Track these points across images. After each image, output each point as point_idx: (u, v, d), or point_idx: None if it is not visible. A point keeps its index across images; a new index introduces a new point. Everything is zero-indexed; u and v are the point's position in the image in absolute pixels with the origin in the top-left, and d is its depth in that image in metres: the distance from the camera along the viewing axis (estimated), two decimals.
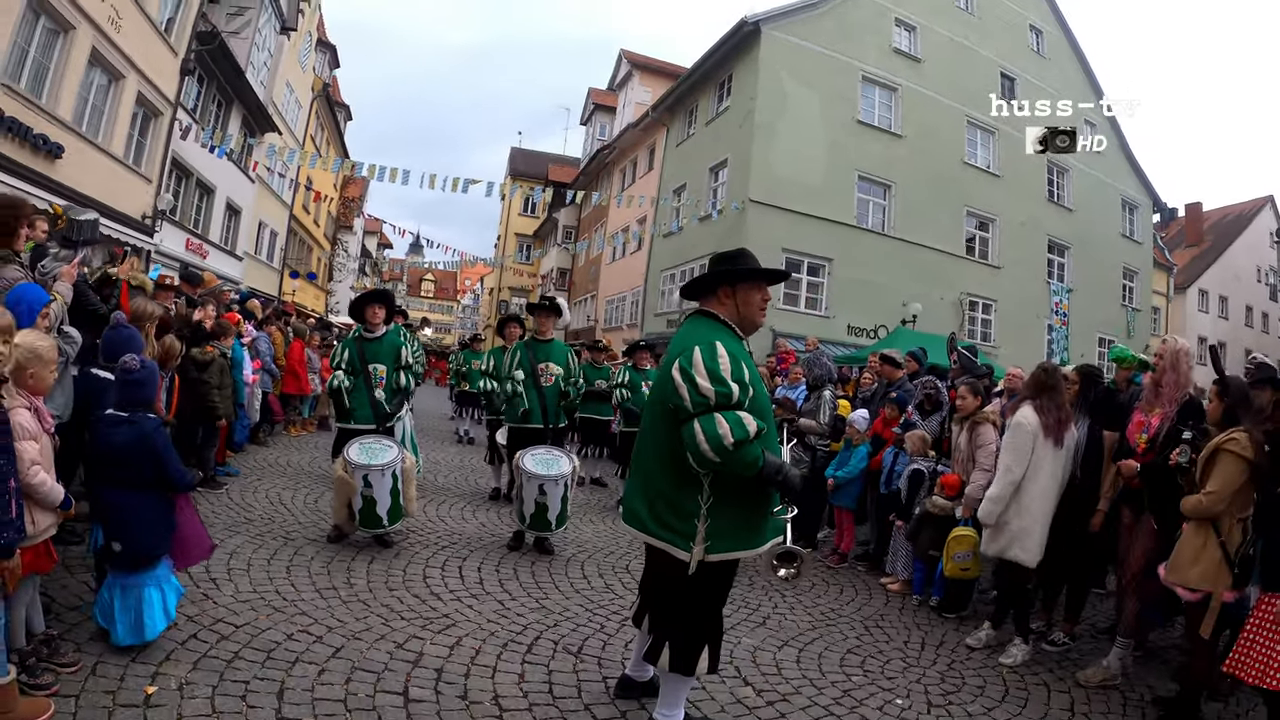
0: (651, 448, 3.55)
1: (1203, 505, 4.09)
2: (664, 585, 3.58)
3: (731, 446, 3.13)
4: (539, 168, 47.16)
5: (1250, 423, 4.12)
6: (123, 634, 3.74)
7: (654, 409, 3.57)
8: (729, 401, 3.21)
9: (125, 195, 16.65)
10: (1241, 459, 4.01)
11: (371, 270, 54.95)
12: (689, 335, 3.44)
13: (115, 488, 3.83)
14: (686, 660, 3.46)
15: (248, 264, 26.39)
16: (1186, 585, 4.15)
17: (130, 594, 3.77)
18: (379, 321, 6.95)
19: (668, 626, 3.53)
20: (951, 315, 23.32)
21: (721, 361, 3.25)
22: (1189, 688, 4.25)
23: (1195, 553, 4.14)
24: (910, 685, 4.65)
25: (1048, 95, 25.85)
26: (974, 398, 6.26)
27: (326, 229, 40.89)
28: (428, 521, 7.47)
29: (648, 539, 3.52)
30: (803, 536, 7.83)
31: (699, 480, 3.35)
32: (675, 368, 3.30)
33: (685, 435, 3.22)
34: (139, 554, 3.83)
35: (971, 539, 5.78)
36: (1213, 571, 4.06)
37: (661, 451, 3.46)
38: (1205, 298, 40.55)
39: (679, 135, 27.43)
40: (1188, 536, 4.24)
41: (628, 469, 5.98)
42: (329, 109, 36.35)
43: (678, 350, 3.38)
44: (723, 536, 3.37)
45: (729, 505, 3.38)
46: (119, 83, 15.93)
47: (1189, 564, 4.16)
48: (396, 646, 4.34)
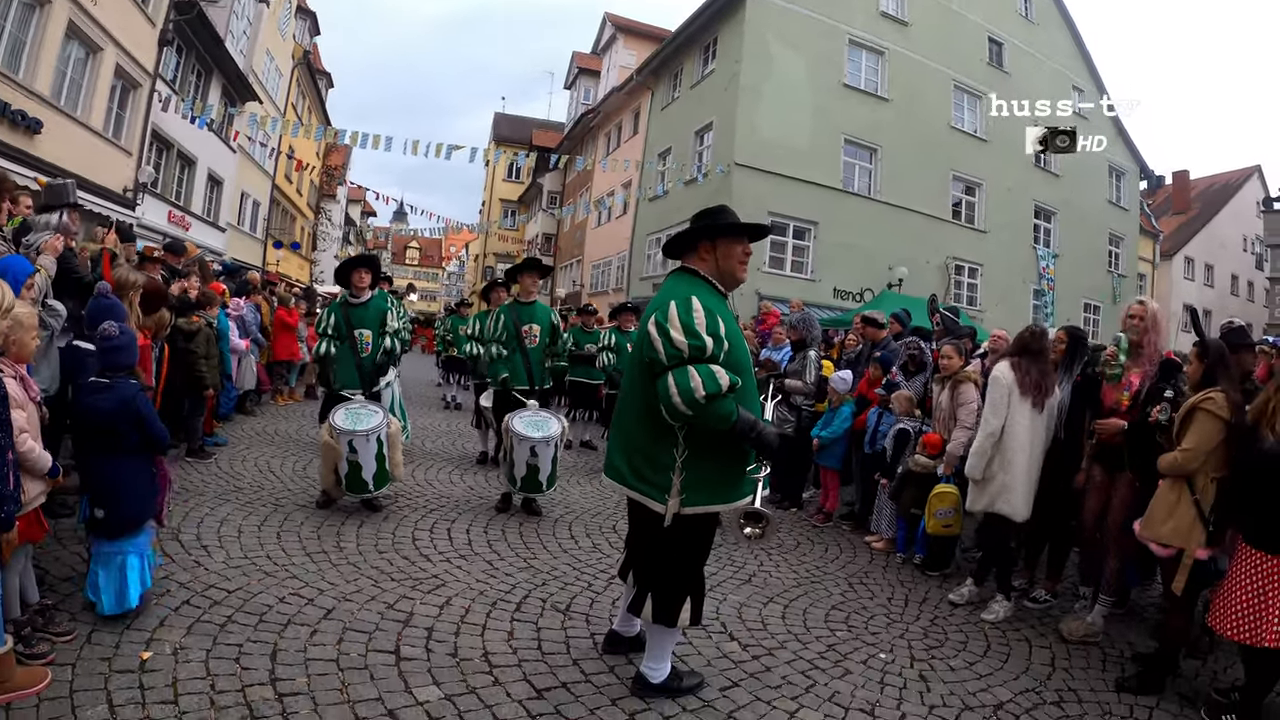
0: (630, 403, 3.60)
1: (1177, 462, 4.16)
2: (645, 538, 3.64)
3: (703, 400, 3.16)
4: (523, 133, 46.77)
5: (1227, 384, 4.18)
6: (109, 604, 3.77)
7: (634, 365, 3.61)
8: (702, 355, 3.24)
9: (106, 169, 16.51)
10: (1217, 418, 4.06)
11: (356, 239, 54.60)
12: (668, 291, 3.46)
13: (100, 454, 3.86)
14: (669, 612, 3.53)
15: (231, 235, 26.22)
16: (1159, 541, 4.23)
17: (113, 562, 3.80)
18: (365, 286, 6.94)
19: (650, 579, 3.60)
20: (937, 279, 23.37)
21: (696, 315, 3.27)
22: (1166, 644, 4.33)
23: (1168, 509, 4.22)
24: (894, 640, 4.74)
25: (1035, 60, 25.98)
26: (958, 357, 6.31)
27: (309, 198, 40.59)
28: (416, 485, 7.52)
29: (627, 492, 3.57)
30: (788, 496, 7.95)
31: (674, 433, 3.38)
32: (651, 322, 3.35)
33: (659, 388, 3.26)
34: (124, 520, 3.86)
35: (953, 496, 5.86)
36: (1185, 528, 4.13)
37: (639, 406, 3.50)
38: (1191, 265, 40.58)
39: (664, 99, 27.25)
40: (1162, 493, 4.31)
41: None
42: (310, 77, 35.94)
43: (655, 305, 3.42)
44: (698, 490, 3.42)
45: (704, 459, 3.42)
46: (97, 55, 15.75)
47: (1161, 520, 4.24)
48: (387, 607, 4.40)
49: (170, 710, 3.10)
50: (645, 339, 3.37)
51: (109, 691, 3.18)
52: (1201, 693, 4.23)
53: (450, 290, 72.69)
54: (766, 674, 4.09)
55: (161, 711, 3.08)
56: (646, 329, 3.37)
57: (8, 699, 3.01)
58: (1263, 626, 3.66)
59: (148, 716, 3.04)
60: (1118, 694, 4.20)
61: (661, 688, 3.65)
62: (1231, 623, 3.80)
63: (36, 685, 3.11)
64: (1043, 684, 4.28)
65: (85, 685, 3.21)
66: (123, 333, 4.03)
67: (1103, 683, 4.35)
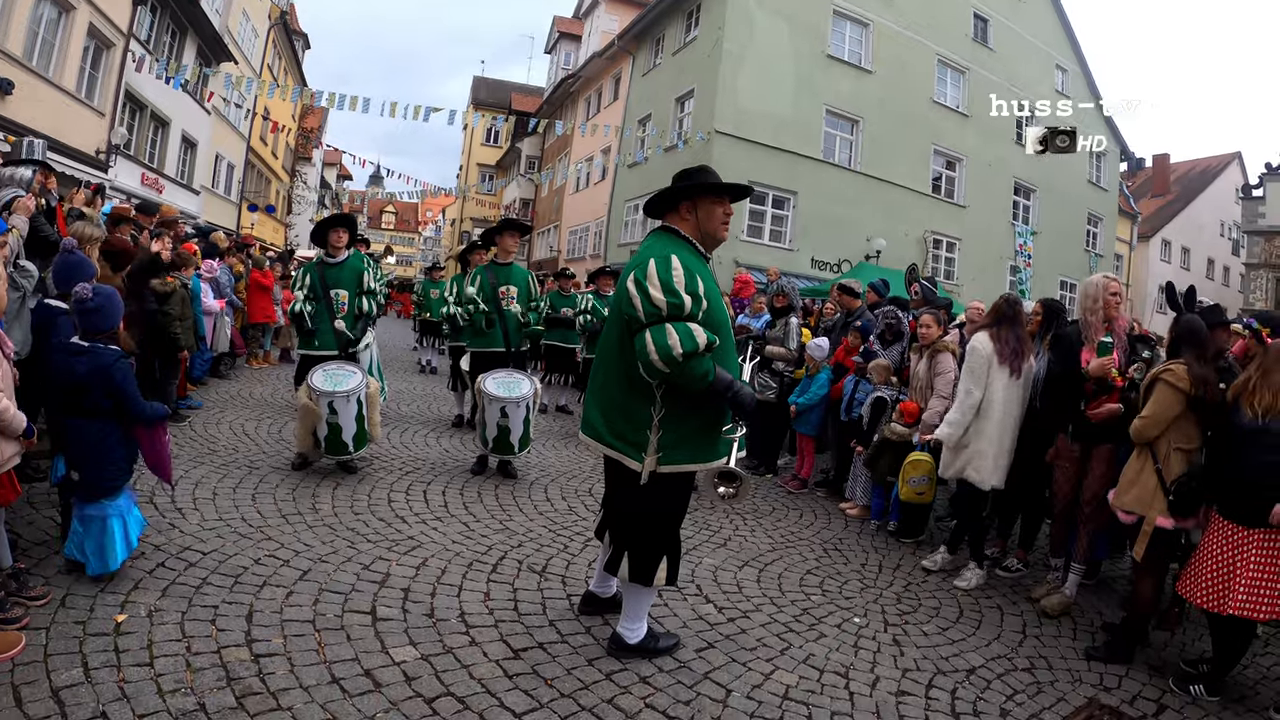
0: (608, 361, 3.59)
1: (1136, 429, 4.29)
2: (622, 496, 3.64)
3: (680, 357, 3.16)
4: (502, 97, 46.31)
5: (1190, 357, 4.24)
6: (94, 565, 3.76)
7: (613, 324, 3.58)
8: (680, 313, 3.23)
9: (78, 130, 16.27)
10: (1175, 389, 4.16)
11: (331, 203, 54.01)
12: (648, 249, 3.45)
13: (74, 416, 3.81)
14: (645, 571, 3.55)
15: (205, 198, 25.87)
16: (1124, 508, 4.33)
17: (93, 525, 3.78)
18: (342, 246, 6.87)
19: (627, 538, 3.61)
20: (916, 252, 23.42)
21: (675, 273, 3.27)
22: (1133, 613, 4.42)
23: (1133, 476, 4.34)
24: (868, 605, 4.80)
25: (1019, 37, 25.96)
26: (937, 327, 6.34)
27: (285, 161, 40.08)
28: (391, 448, 7.51)
29: (604, 449, 3.57)
30: (763, 462, 7.99)
31: (651, 392, 3.40)
32: (630, 279, 3.34)
33: (636, 345, 3.27)
34: (97, 484, 3.83)
35: (927, 464, 5.90)
36: (1147, 496, 4.23)
37: (618, 364, 3.50)
38: (1168, 248, 40.98)
39: (645, 65, 27.00)
40: (1130, 462, 4.43)
41: None
42: (286, 37, 35.34)
43: (635, 263, 3.42)
44: (675, 448, 3.43)
45: (680, 418, 3.43)
46: (69, 15, 15.48)
47: (1126, 488, 4.36)
48: (363, 568, 4.40)
49: (146, 672, 3.09)
50: (624, 296, 3.36)
51: (84, 655, 3.16)
52: (1170, 663, 4.33)
53: (426, 255, 72.11)
54: (742, 636, 4.13)
55: (137, 674, 3.07)
56: (625, 286, 3.35)
57: None
58: (1229, 595, 3.75)
59: (123, 679, 3.03)
60: (1088, 662, 4.28)
61: (638, 648, 3.68)
62: (1201, 591, 3.90)
63: (11, 650, 3.08)
64: (1014, 650, 4.35)
65: (60, 649, 3.18)
66: (97, 294, 3.93)
67: (1073, 651, 4.43)
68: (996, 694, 3.80)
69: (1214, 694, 3.92)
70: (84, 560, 3.78)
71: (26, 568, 3.75)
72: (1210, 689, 3.93)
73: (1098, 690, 3.97)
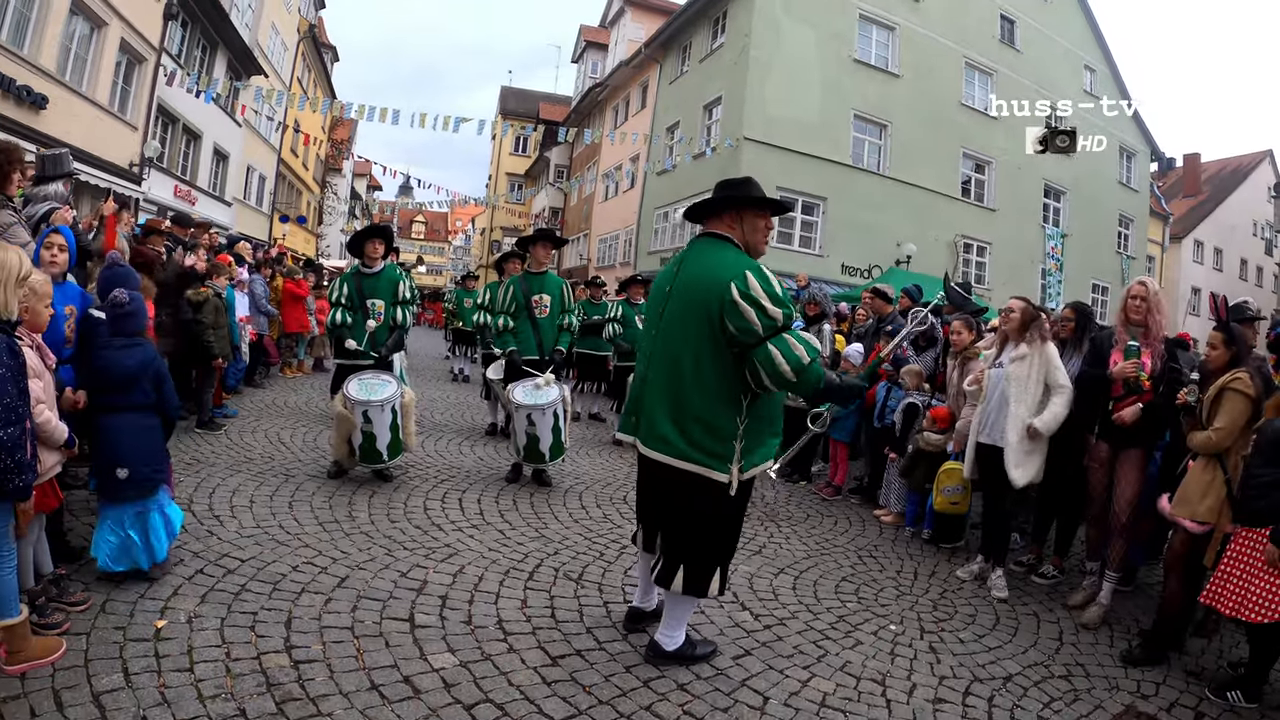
0: (680, 374, 3.45)
1: (1212, 441, 4.22)
2: (692, 509, 3.51)
3: (807, 364, 3.22)
4: (530, 106, 46.46)
5: (1247, 364, 4.26)
6: (143, 559, 3.87)
7: (684, 335, 3.45)
8: (790, 322, 3.28)
9: (112, 143, 16.49)
10: (1246, 396, 4.17)
11: (362, 213, 54.46)
12: (720, 259, 3.42)
13: (120, 413, 3.87)
14: (701, 582, 3.55)
15: (237, 209, 26.17)
16: (1195, 518, 4.24)
17: (138, 520, 3.86)
18: (378, 256, 6.92)
19: (687, 550, 3.55)
20: (946, 257, 23.28)
21: (774, 283, 3.28)
22: (1166, 617, 4.37)
23: (1204, 487, 4.26)
24: (904, 612, 4.75)
25: (1047, 38, 25.74)
26: (969, 333, 6.27)
27: (315, 172, 40.48)
28: (426, 456, 7.54)
29: (680, 464, 3.44)
30: (797, 469, 7.96)
31: (739, 402, 3.39)
32: (734, 293, 3.24)
33: (760, 359, 3.23)
34: (144, 478, 3.90)
35: (961, 473, 5.84)
36: (1218, 505, 4.19)
37: (695, 376, 3.41)
38: (1200, 249, 40.27)
39: (672, 72, 27.01)
40: (1195, 472, 4.35)
41: (623, 403, 6.04)
42: (315, 50, 35.75)
43: (714, 274, 3.35)
44: (752, 454, 3.45)
45: (758, 423, 3.46)
46: (101, 30, 15.70)
47: (1199, 498, 4.26)
48: (401, 575, 4.42)
49: (186, 678, 3.11)
50: (729, 310, 3.25)
51: (124, 660, 3.20)
52: (1207, 669, 4.28)
53: (456, 264, 72.51)
54: (779, 643, 4.11)
55: (177, 679, 3.10)
56: (731, 300, 3.25)
57: (23, 668, 3.02)
58: (1261, 602, 3.70)
59: (164, 684, 3.06)
60: (1125, 669, 4.23)
61: (676, 655, 3.67)
62: (1231, 600, 3.84)
63: (52, 655, 3.12)
64: (1051, 658, 4.30)
65: (100, 654, 3.22)
66: (132, 299, 4.04)
67: (1110, 658, 4.38)
68: (1034, 701, 3.76)
69: (1252, 700, 3.87)
70: (116, 568, 3.83)
71: (67, 573, 3.80)
72: (1248, 695, 3.88)
73: (1135, 697, 3.92)
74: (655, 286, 3.80)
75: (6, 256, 3.01)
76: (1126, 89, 29.08)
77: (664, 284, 3.65)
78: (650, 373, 3.61)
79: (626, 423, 3.81)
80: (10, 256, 3.02)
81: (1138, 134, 29.84)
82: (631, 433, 3.72)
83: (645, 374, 3.66)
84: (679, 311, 3.49)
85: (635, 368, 3.87)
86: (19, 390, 2.97)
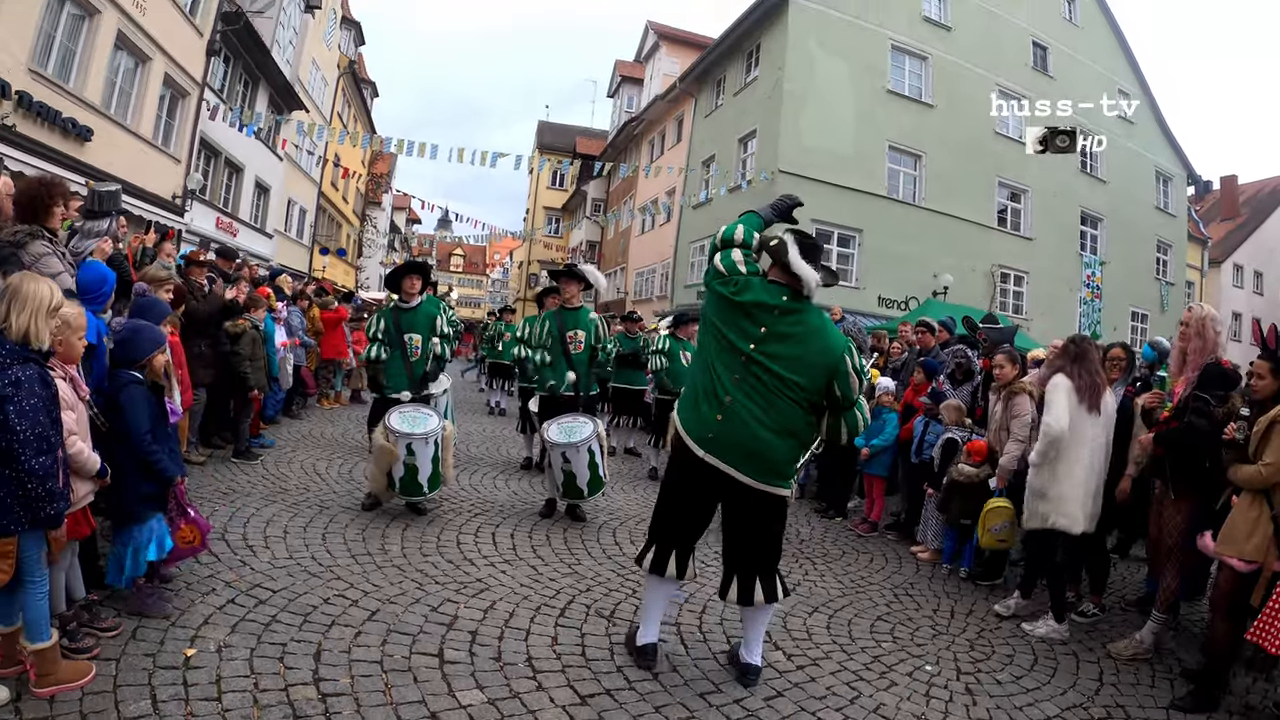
0: (773, 421, 3.72)
1: (1261, 476, 4.04)
2: (768, 527, 3.87)
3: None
4: (567, 141, 46.89)
5: None
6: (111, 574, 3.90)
7: (787, 393, 3.73)
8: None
9: (155, 176, 16.86)
10: None
11: (401, 245, 55.12)
12: (831, 331, 3.88)
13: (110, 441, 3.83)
14: (777, 587, 3.90)
15: (278, 241, 26.61)
16: (1242, 556, 4.08)
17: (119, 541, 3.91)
18: (415, 292, 6.97)
19: (764, 562, 3.88)
20: (983, 287, 23.11)
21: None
22: (1215, 659, 4.22)
23: (1251, 524, 4.08)
24: (940, 652, 4.66)
25: (1079, 64, 25.60)
26: (1012, 366, 6.17)
27: (355, 205, 41.05)
28: (460, 490, 7.54)
29: (762, 487, 3.73)
30: (832, 505, 7.88)
31: (808, 445, 3.95)
32: (848, 364, 3.74)
33: (849, 421, 3.85)
34: (118, 507, 3.92)
35: (1008, 510, 5.73)
36: (1264, 543, 4.02)
37: (786, 425, 3.74)
38: (1240, 272, 39.46)
39: (707, 106, 27.18)
40: (1242, 509, 4.18)
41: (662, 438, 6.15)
42: (355, 86, 36.41)
43: (827, 346, 3.76)
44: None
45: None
46: (145, 65, 16.10)
47: (1245, 535, 4.08)
48: (431, 610, 4.40)
49: (213, 707, 3.12)
50: (839, 377, 3.73)
51: (152, 687, 3.21)
52: (1255, 709, 4.15)
53: (494, 297, 73.11)
54: (811, 684, 4.04)
55: (205, 708, 3.10)
56: (841, 368, 3.73)
57: (52, 691, 3.05)
58: None
59: (191, 713, 3.06)
60: (1167, 712, 4.10)
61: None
62: (1278, 638, 3.71)
63: (81, 679, 3.15)
64: (1090, 699, 4.19)
65: (129, 680, 3.24)
66: (125, 326, 4.13)
67: (1151, 699, 4.25)
68: None
69: None
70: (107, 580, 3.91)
71: (99, 599, 3.85)
72: None
73: None
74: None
75: (38, 288, 3.06)
76: (1161, 111, 28.83)
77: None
78: (744, 417, 3.76)
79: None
80: (42, 288, 3.08)
81: (1174, 157, 29.46)
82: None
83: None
84: (801, 375, 3.75)
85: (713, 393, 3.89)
86: (51, 420, 3.01)
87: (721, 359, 3.79)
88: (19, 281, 3.09)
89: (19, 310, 2.99)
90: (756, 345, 3.73)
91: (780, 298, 3.76)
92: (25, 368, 2.95)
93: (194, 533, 4.19)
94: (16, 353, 2.95)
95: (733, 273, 3.85)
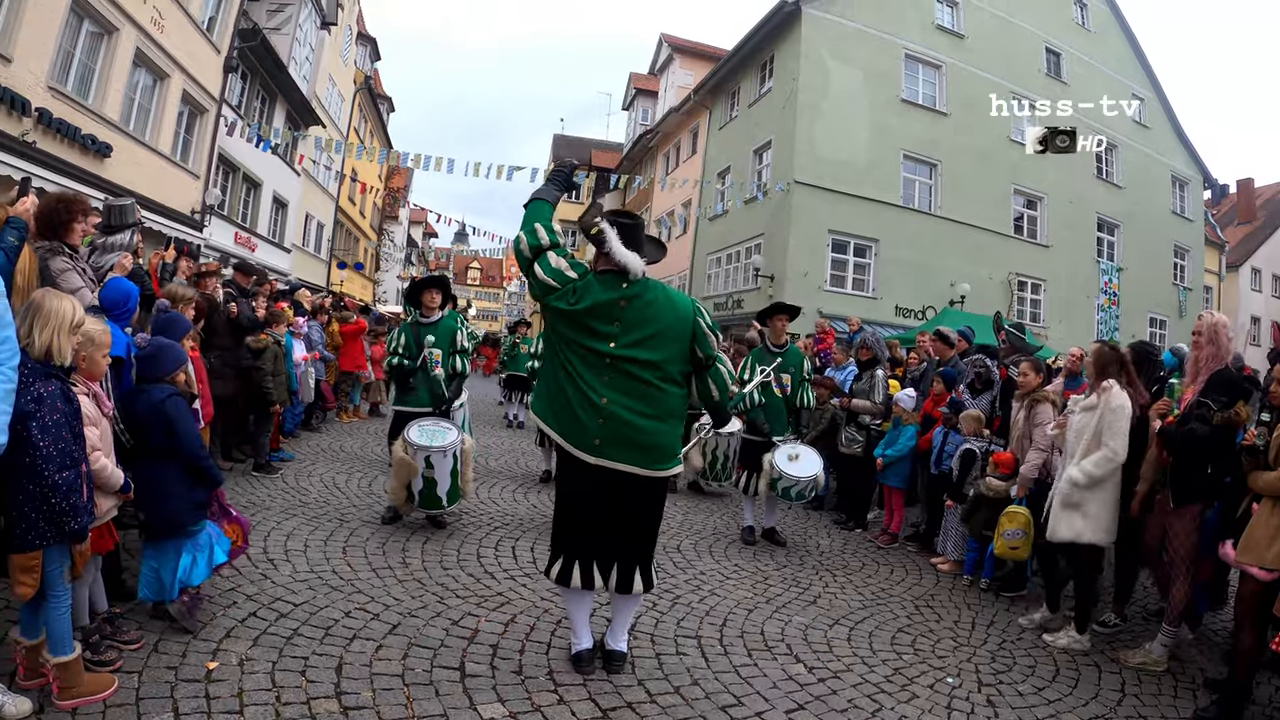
0: (639, 398, 3.82)
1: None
2: (656, 509, 4.05)
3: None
4: (582, 154, 46.83)
5: None
6: (143, 590, 3.90)
7: (656, 378, 3.85)
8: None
9: (174, 191, 17.04)
10: None
11: (418, 259, 55.41)
12: (676, 296, 3.99)
13: (139, 458, 3.87)
14: (653, 574, 4.10)
15: (296, 256, 26.79)
16: (1263, 565, 4.00)
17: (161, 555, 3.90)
18: (435, 306, 7.00)
19: (644, 548, 4.01)
20: (1000, 295, 22.99)
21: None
22: (1240, 670, 4.17)
23: (1273, 532, 3.99)
24: (961, 664, 4.63)
25: (1093, 69, 25.52)
26: (1035, 375, 6.13)
27: (372, 220, 41.32)
28: (480, 503, 7.56)
29: (658, 474, 3.88)
30: (852, 517, 7.85)
31: (683, 415, 4.08)
32: (703, 321, 3.91)
33: (715, 377, 4.05)
34: (160, 522, 3.90)
35: (1024, 517, 5.70)
36: None
37: (665, 409, 3.88)
38: (1258, 276, 39.09)
39: (722, 118, 27.25)
40: (1262, 516, 4.10)
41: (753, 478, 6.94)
42: (371, 101, 36.67)
43: (679, 313, 3.89)
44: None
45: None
46: (164, 82, 16.30)
47: (1267, 543, 4.00)
48: (452, 624, 4.41)
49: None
50: (694, 334, 3.89)
51: (175, 700, 3.23)
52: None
53: (511, 310, 73.27)
54: (832, 697, 4.02)
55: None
56: (697, 325, 3.89)
57: (75, 704, 3.08)
58: None
59: None
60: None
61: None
62: None
63: (103, 691, 3.18)
64: (1112, 710, 4.16)
65: (151, 693, 3.26)
66: (150, 343, 4.16)
67: (1174, 710, 4.22)
68: None
69: None
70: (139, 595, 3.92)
71: (122, 612, 3.87)
72: None
73: None
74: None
75: (60, 304, 3.10)
76: (1175, 115, 28.68)
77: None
78: (616, 411, 3.84)
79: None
80: (64, 304, 3.11)
81: (1189, 161, 29.25)
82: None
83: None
84: (670, 348, 3.91)
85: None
86: (74, 435, 3.05)
87: (586, 365, 3.81)
88: (41, 298, 3.13)
89: (41, 327, 3.03)
90: (616, 343, 3.81)
91: (620, 286, 3.84)
92: (47, 384, 2.99)
93: (236, 531, 4.28)
94: (39, 369, 2.99)
95: (563, 281, 3.86)
